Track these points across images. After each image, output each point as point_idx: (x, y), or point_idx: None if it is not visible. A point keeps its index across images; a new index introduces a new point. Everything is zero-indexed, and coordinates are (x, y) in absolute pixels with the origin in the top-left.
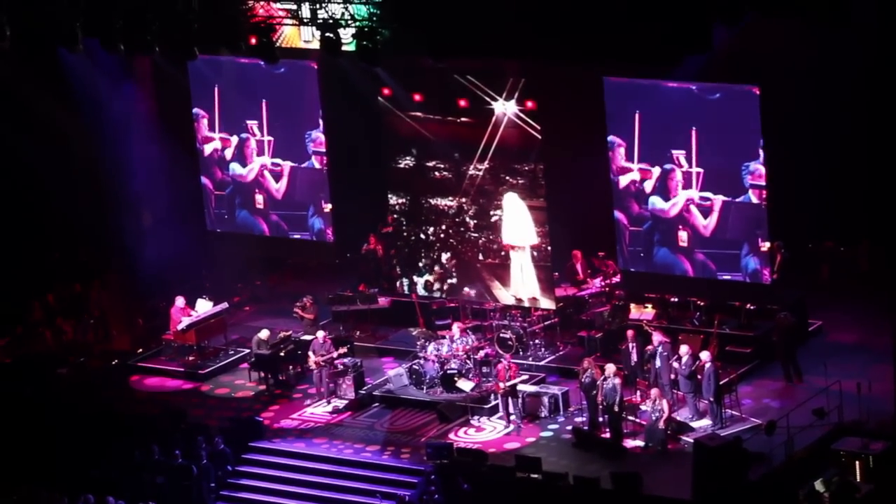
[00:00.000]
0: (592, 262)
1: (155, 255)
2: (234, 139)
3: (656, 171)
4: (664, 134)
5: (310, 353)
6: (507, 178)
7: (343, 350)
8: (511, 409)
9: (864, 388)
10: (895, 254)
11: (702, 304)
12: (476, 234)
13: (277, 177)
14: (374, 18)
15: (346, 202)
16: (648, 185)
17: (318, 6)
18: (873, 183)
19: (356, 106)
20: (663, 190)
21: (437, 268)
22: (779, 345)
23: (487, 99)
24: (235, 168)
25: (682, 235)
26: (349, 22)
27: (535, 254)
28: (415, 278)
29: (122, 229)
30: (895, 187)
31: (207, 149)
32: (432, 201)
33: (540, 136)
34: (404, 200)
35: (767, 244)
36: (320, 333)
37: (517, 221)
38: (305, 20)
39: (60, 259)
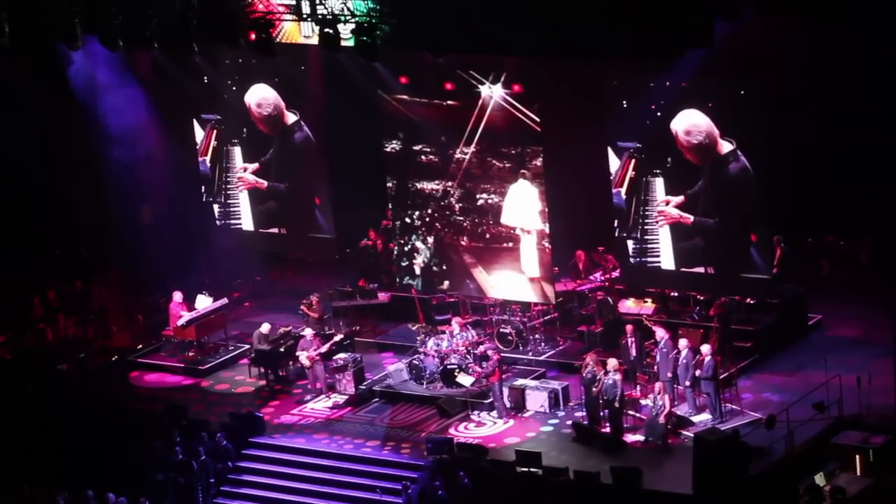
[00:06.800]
0: (592, 257)
1: (155, 251)
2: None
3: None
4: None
5: (299, 353)
6: (494, 161)
7: (339, 337)
8: (497, 402)
9: (864, 381)
10: None
11: (701, 298)
12: (461, 218)
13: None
14: (374, 14)
15: (344, 199)
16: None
17: (317, 2)
18: (873, 177)
19: (354, 97)
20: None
21: (420, 252)
22: (721, 328)
23: (474, 82)
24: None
25: None
26: (348, 18)
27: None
28: (402, 263)
29: (122, 226)
30: (894, 181)
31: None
32: (419, 185)
33: (539, 129)
34: (391, 184)
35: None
36: (307, 331)
37: (522, 204)
38: (305, 16)
39: (61, 255)
